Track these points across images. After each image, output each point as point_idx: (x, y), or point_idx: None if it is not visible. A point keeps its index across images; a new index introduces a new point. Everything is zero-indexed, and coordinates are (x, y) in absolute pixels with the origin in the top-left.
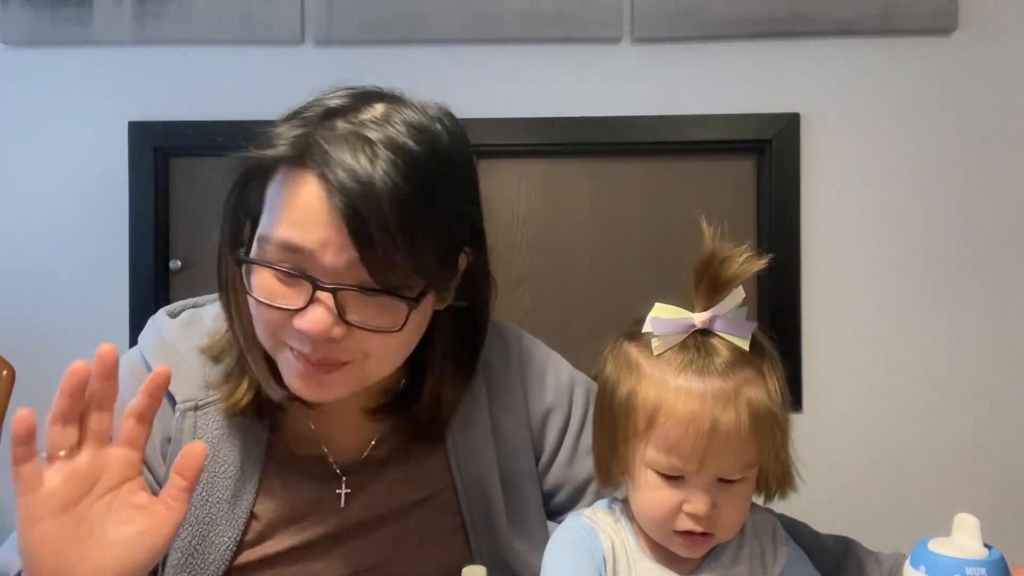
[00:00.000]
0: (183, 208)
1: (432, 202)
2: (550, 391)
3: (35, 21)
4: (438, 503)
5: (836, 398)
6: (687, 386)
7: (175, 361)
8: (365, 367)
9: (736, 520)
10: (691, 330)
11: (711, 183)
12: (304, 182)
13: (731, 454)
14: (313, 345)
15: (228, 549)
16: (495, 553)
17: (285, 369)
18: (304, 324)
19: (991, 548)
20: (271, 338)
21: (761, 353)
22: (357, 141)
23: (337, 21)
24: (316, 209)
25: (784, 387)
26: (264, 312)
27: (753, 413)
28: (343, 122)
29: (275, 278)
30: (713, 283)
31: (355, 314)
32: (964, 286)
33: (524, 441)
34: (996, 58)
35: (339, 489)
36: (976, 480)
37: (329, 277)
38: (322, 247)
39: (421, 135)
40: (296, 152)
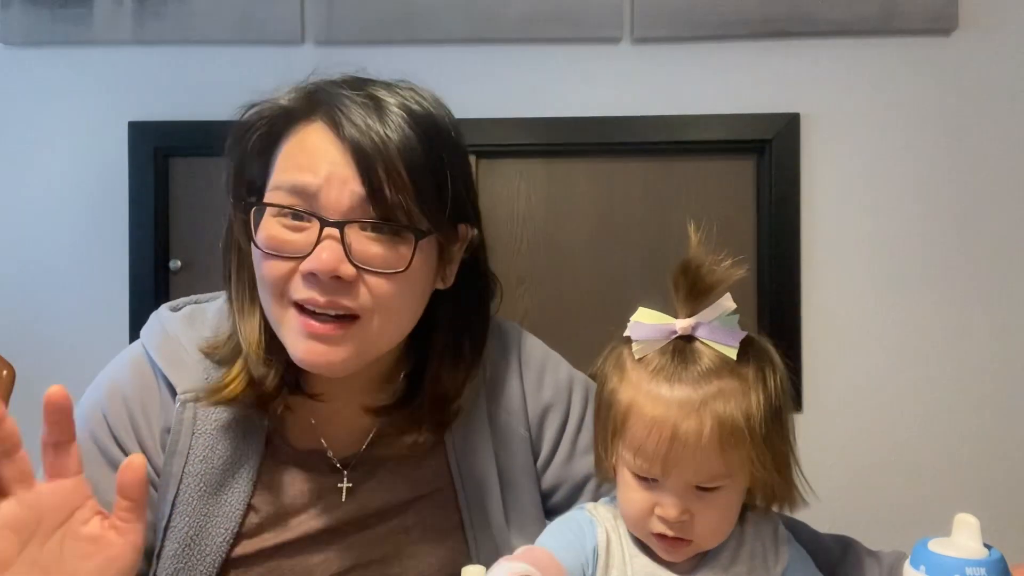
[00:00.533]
0: (183, 208)
1: (436, 155)
2: (548, 390)
3: (35, 21)
4: (437, 500)
5: (836, 398)
6: (656, 391)
7: (177, 353)
8: (372, 324)
9: (715, 529)
10: (671, 336)
11: (711, 183)
12: (312, 130)
13: (692, 462)
14: (322, 288)
15: (225, 541)
16: (493, 551)
17: (291, 334)
18: (312, 263)
19: (991, 548)
20: (277, 296)
21: (755, 364)
22: (366, 101)
23: (337, 21)
24: (323, 149)
25: (779, 401)
26: (271, 266)
27: (719, 425)
28: (349, 90)
29: (282, 226)
30: (692, 289)
31: (361, 254)
32: (964, 286)
33: (522, 439)
34: (996, 58)
35: (340, 483)
36: (976, 480)
37: (335, 215)
38: (328, 182)
39: (427, 105)
40: (304, 105)
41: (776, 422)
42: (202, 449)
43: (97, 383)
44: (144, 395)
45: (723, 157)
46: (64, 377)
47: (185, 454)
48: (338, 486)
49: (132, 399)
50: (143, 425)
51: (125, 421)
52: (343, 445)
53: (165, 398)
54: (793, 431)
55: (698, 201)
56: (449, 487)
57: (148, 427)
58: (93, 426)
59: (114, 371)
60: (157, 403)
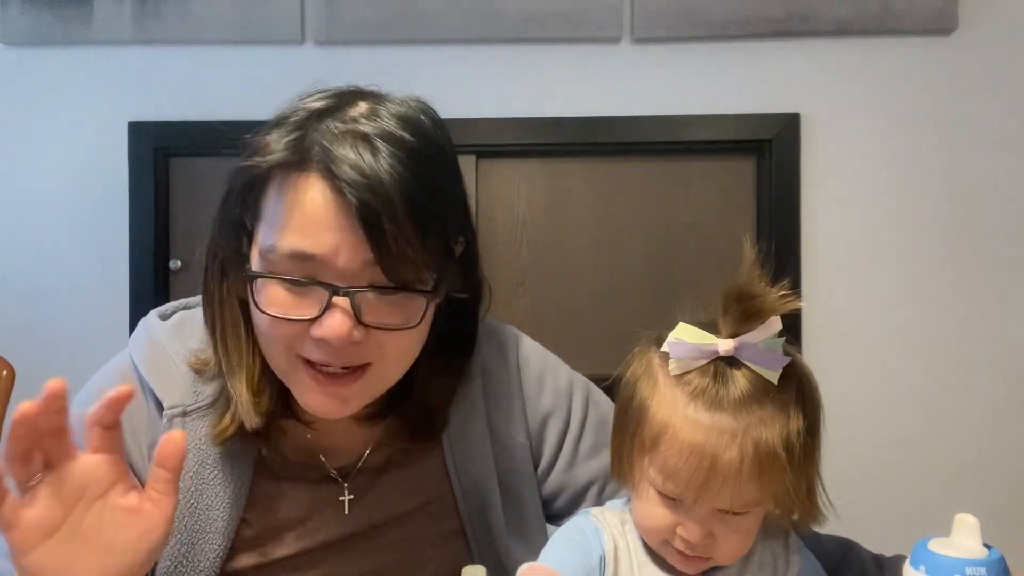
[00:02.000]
0: (183, 208)
1: (433, 190)
2: (548, 396)
3: (35, 21)
4: (437, 508)
5: (836, 398)
6: (695, 416)
7: (164, 366)
8: (382, 370)
9: (735, 550)
10: (712, 356)
11: (711, 183)
12: (308, 185)
13: (728, 491)
14: (334, 352)
15: (218, 557)
16: (494, 557)
17: (300, 388)
18: (323, 331)
19: (991, 548)
20: (285, 355)
21: (794, 389)
22: (355, 138)
23: (337, 21)
24: (324, 212)
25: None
26: (277, 327)
27: (758, 455)
28: (334, 121)
29: (285, 290)
30: (743, 314)
31: (372, 315)
32: (964, 285)
33: (522, 446)
34: (996, 58)
35: (342, 496)
36: (976, 480)
37: (343, 280)
38: (334, 251)
39: (411, 126)
40: (295, 156)
41: (812, 447)
42: (192, 465)
43: (84, 394)
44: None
45: (723, 157)
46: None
47: None
48: (339, 499)
49: None
50: (130, 439)
51: None
52: (340, 457)
53: (152, 412)
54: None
55: (698, 201)
56: (449, 495)
57: (135, 440)
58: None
59: (101, 382)
60: (144, 416)
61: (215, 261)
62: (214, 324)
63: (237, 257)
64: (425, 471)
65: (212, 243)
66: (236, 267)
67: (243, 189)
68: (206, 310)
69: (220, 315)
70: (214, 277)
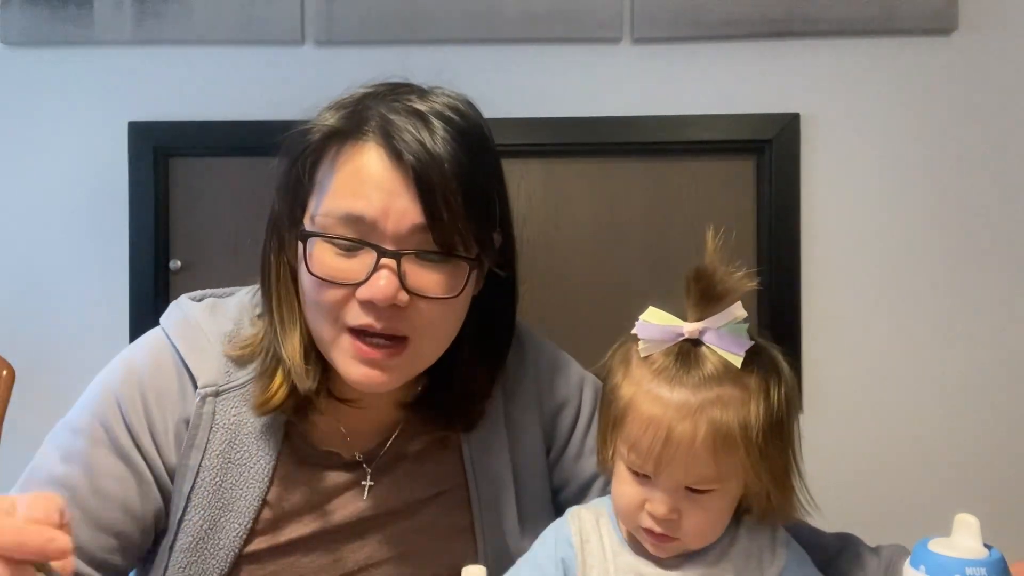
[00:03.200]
0: (183, 208)
1: (481, 169)
2: (561, 388)
3: (35, 21)
4: (451, 500)
5: (836, 398)
6: (655, 391)
7: (199, 342)
8: (420, 345)
9: (702, 530)
10: (678, 339)
11: (711, 183)
12: (365, 151)
13: (683, 464)
14: (378, 314)
15: (239, 535)
16: (502, 552)
17: (343, 357)
18: (370, 292)
19: (991, 548)
20: (330, 321)
21: (760, 374)
22: (410, 114)
23: (337, 21)
24: (380, 176)
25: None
26: (325, 292)
27: (714, 432)
28: (389, 101)
29: (335, 254)
30: (704, 295)
31: (416, 281)
32: (964, 286)
33: (536, 438)
34: (996, 58)
35: (364, 481)
36: (976, 480)
37: (391, 244)
38: (384, 213)
39: (460, 111)
40: (352, 124)
41: (776, 434)
42: (219, 444)
43: (113, 367)
44: (162, 383)
45: (723, 157)
46: (64, 377)
47: (203, 448)
48: (362, 483)
49: (149, 387)
50: (158, 416)
51: (139, 409)
52: (364, 441)
53: (185, 387)
54: (798, 444)
55: (698, 201)
56: (463, 487)
57: (163, 418)
58: (104, 410)
59: (132, 356)
60: (176, 392)
61: (273, 234)
62: (269, 293)
63: (291, 222)
64: (442, 461)
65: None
66: (290, 231)
67: (299, 157)
68: (263, 281)
69: (276, 285)
70: (271, 250)
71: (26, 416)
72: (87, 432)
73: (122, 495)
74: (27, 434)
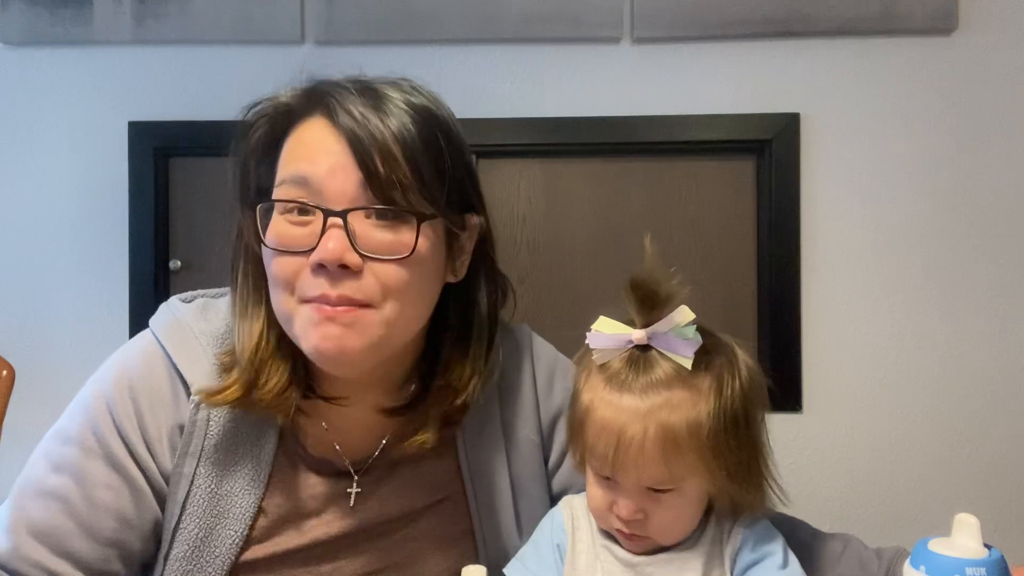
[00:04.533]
0: (183, 208)
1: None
2: (559, 394)
3: (35, 21)
4: (448, 507)
5: (836, 398)
6: (608, 397)
7: (190, 345)
8: (384, 314)
9: (670, 528)
10: (628, 345)
11: (711, 183)
12: (311, 124)
13: (635, 467)
14: (332, 281)
15: (235, 544)
16: (502, 557)
17: (304, 328)
18: (319, 254)
19: (991, 548)
20: (287, 293)
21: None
22: (365, 91)
23: (337, 21)
24: (321, 140)
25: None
26: (280, 263)
27: (662, 434)
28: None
29: (288, 223)
30: (645, 302)
31: (366, 241)
32: (964, 286)
33: (534, 445)
34: (996, 58)
35: (350, 488)
36: (976, 480)
37: (338, 204)
38: (330, 172)
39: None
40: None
41: (731, 433)
42: (214, 451)
43: (103, 373)
44: (155, 389)
45: (723, 157)
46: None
47: (197, 455)
48: (348, 491)
49: (141, 393)
50: (151, 423)
51: (132, 416)
52: (356, 449)
53: (178, 393)
54: (765, 438)
55: (698, 201)
56: (460, 493)
57: (156, 424)
58: (95, 417)
59: (123, 361)
60: (169, 398)
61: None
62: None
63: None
64: (438, 468)
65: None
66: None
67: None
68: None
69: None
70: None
71: (26, 416)
72: (78, 441)
73: (116, 505)
74: (27, 434)
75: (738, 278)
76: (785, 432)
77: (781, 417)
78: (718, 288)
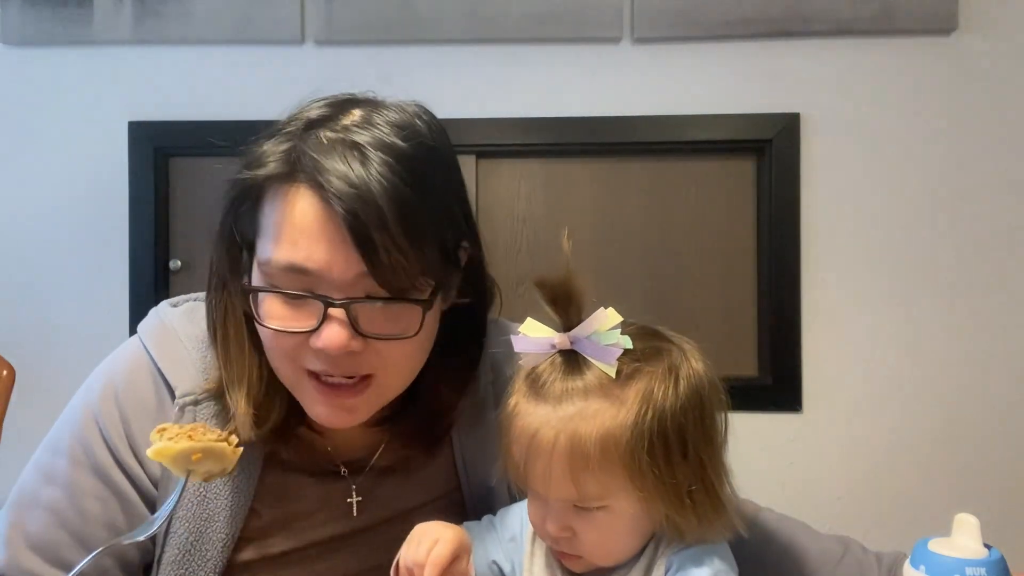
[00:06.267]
0: (183, 208)
1: (428, 196)
2: None
3: (35, 21)
4: (443, 504)
5: (836, 398)
6: (524, 405)
7: (176, 350)
8: (385, 380)
9: (602, 547)
10: (549, 350)
11: (711, 183)
12: (299, 197)
13: (542, 482)
14: (333, 362)
15: (226, 546)
16: None
17: (307, 399)
18: (321, 343)
19: (991, 548)
20: (290, 367)
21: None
22: (345, 147)
23: (337, 21)
24: (315, 225)
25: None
26: (279, 340)
27: (569, 448)
28: (327, 131)
29: (283, 303)
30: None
31: (369, 325)
32: (964, 286)
33: None
34: (996, 58)
35: (350, 498)
36: (975, 480)
37: (338, 292)
38: (327, 265)
39: (406, 132)
40: (286, 167)
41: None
42: None
43: (91, 383)
44: (139, 396)
45: (723, 157)
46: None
47: None
48: (347, 500)
49: (126, 400)
50: (137, 429)
51: (118, 424)
52: (350, 456)
53: (163, 398)
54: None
55: (698, 201)
56: (456, 491)
57: (143, 430)
58: (82, 428)
59: (109, 370)
60: (154, 404)
61: (216, 275)
62: (216, 335)
63: (237, 270)
64: (434, 468)
65: (215, 257)
66: (235, 280)
67: (238, 202)
68: (209, 322)
69: (223, 327)
70: (216, 289)
71: (26, 416)
72: (67, 453)
73: (106, 516)
74: (27, 434)
75: (738, 278)
76: (785, 432)
77: (781, 417)
78: (718, 288)
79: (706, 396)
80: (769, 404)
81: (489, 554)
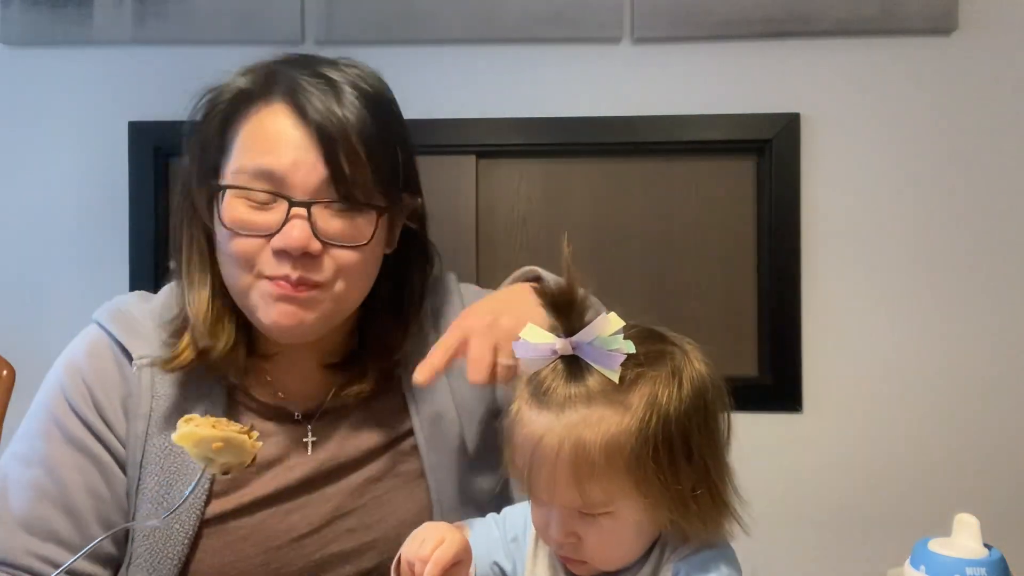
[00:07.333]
0: None
1: (388, 132)
2: None
3: (35, 21)
4: (402, 447)
5: (836, 398)
6: (526, 412)
7: (131, 323)
8: (337, 292)
9: (607, 554)
10: (551, 355)
11: (711, 183)
12: (274, 112)
13: (547, 489)
14: (293, 263)
15: (197, 498)
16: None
17: (260, 299)
18: (283, 241)
19: (991, 548)
20: (245, 270)
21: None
22: (319, 78)
23: (337, 21)
24: (288, 134)
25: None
26: (240, 242)
27: (573, 455)
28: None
29: (248, 207)
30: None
31: (327, 229)
32: (964, 286)
33: None
34: (996, 58)
35: (305, 438)
36: (976, 480)
37: (302, 195)
38: (294, 168)
39: (370, 82)
40: (264, 88)
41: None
42: (164, 410)
43: (54, 367)
44: (100, 366)
45: (723, 157)
46: None
47: (147, 416)
48: (304, 440)
49: (88, 371)
50: (102, 396)
51: (84, 393)
52: (305, 399)
53: (123, 365)
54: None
55: (698, 201)
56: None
57: (107, 398)
58: (51, 404)
59: (70, 353)
60: (114, 371)
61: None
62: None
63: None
64: (387, 409)
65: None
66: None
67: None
68: (174, 243)
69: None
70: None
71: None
72: (42, 433)
73: (87, 483)
74: None
75: (738, 278)
76: (785, 432)
77: (781, 417)
78: (718, 288)
79: (710, 398)
80: (769, 404)
81: (491, 554)
